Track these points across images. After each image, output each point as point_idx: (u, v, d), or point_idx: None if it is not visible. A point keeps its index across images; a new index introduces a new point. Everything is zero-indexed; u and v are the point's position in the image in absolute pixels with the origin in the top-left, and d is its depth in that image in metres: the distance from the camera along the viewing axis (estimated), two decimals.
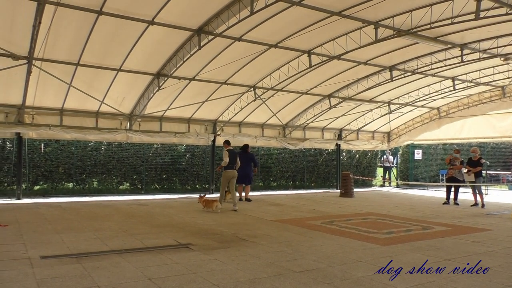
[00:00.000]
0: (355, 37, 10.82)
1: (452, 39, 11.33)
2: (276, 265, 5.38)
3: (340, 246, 6.67)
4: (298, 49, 11.64)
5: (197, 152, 16.87)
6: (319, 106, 16.45)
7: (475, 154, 12.81)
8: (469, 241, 7.26)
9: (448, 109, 18.74)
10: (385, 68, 13.67)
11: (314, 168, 20.17)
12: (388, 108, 17.67)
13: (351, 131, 19.77)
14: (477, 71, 14.38)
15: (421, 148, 21.95)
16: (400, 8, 9.51)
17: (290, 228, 8.35)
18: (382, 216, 10.25)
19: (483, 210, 11.80)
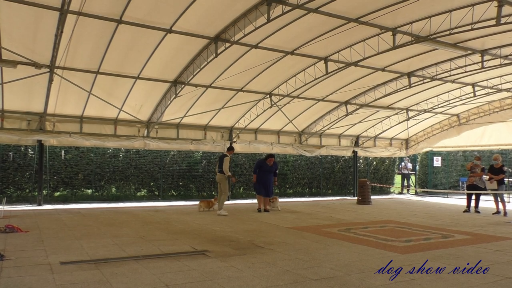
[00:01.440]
0: (373, 43, 10.76)
1: (472, 45, 11.16)
2: (292, 273, 5.34)
3: (358, 254, 6.58)
4: (315, 56, 11.63)
5: (213, 159, 16.94)
6: (335, 113, 16.36)
7: (497, 161, 12.53)
8: (491, 250, 7.08)
9: (468, 116, 18.42)
10: (403, 74, 13.53)
11: (330, 175, 20.03)
12: (406, 115, 17.46)
13: (368, 138, 19.59)
14: (498, 77, 14.11)
15: (440, 155, 21.59)
16: (419, 14, 9.43)
17: (307, 235, 8.29)
18: (401, 224, 10.09)
19: (506, 219, 11.51)
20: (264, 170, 12.04)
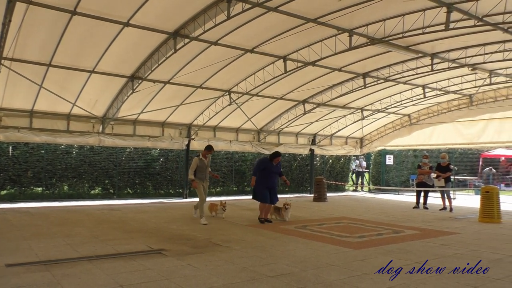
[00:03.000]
0: (330, 44, 11.00)
1: (423, 49, 11.66)
2: (250, 270, 5.38)
3: (313, 250, 6.73)
4: (274, 54, 11.73)
5: (171, 156, 16.71)
6: (293, 111, 16.59)
7: (444, 160, 13.21)
8: (438, 244, 7.45)
9: (418, 116, 19.24)
10: (359, 75, 13.93)
11: (288, 173, 20.27)
12: (361, 114, 18.00)
13: (324, 136, 20.03)
14: (446, 80, 14.84)
15: (392, 153, 22.43)
16: (374, 17, 9.73)
17: (264, 232, 8.37)
18: (354, 221, 10.40)
19: (451, 214, 12.15)
20: (269, 172, 9.77)
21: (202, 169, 9.60)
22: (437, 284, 4.91)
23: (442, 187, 13.00)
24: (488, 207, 10.68)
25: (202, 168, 9.60)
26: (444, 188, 12.98)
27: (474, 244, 7.53)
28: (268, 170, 9.81)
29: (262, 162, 9.99)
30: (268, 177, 9.76)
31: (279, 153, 10.06)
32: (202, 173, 9.60)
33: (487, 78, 13.89)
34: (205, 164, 9.66)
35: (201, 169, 9.56)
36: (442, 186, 12.97)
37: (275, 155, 9.96)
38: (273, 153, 10.11)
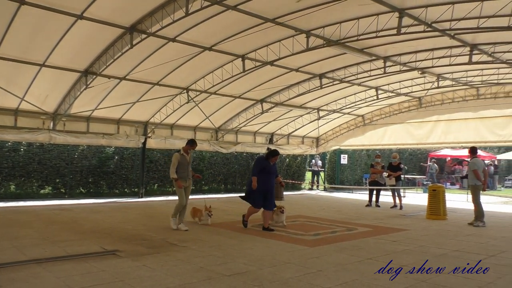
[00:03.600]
0: (288, 44, 11.13)
1: (377, 52, 12.05)
2: (206, 270, 5.36)
3: (270, 248, 6.81)
4: (233, 53, 11.72)
5: (126, 154, 16.28)
6: (251, 110, 16.66)
7: (395, 159, 13.76)
8: (388, 240, 7.76)
9: (372, 117, 19.88)
10: (315, 75, 14.20)
11: (246, 172, 20.34)
12: (317, 114, 18.36)
13: (282, 135, 20.26)
14: (398, 82, 15.43)
15: (347, 153, 23.05)
16: (331, 19, 9.94)
17: (221, 231, 8.36)
18: (310, 219, 10.61)
19: (401, 212, 12.68)
20: (267, 172, 8.66)
21: (184, 167, 8.42)
22: (386, 279, 5.12)
23: (393, 185, 13.53)
24: (434, 204, 11.24)
25: (184, 165, 8.41)
26: (395, 186, 13.53)
27: (422, 240, 7.91)
28: (266, 171, 8.63)
29: (260, 162, 8.81)
30: (265, 179, 8.58)
31: (277, 151, 8.96)
32: (184, 171, 8.40)
33: (435, 82, 14.59)
34: (187, 160, 8.49)
35: (182, 166, 8.38)
36: (393, 184, 13.51)
37: (273, 153, 8.79)
38: (270, 152, 8.92)
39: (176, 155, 8.42)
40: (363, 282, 4.95)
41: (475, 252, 6.78)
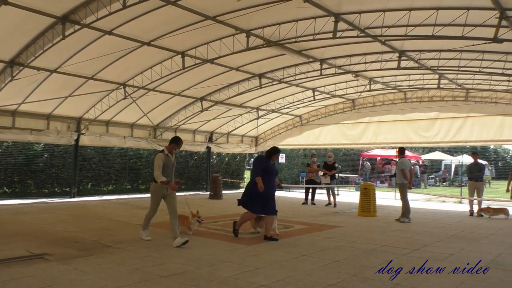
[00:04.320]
0: (228, 43, 11.13)
1: (314, 54, 12.43)
2: (142, 271, 5.23)
3: (208, 247, 6.79)
4: (172, 49, 11.49)
5: (57, 152, 15.42)
6: (191, 108, 16.47)
7: (331, 159, 14.30)
8: (323, 237, 8.05)
9: (308, 117, 20.46)
10: (255, 75, 14.34)
11: (184, 171, 20.10)
12: (257, 114, 18.58)
13: (221, 134, 20.25)
14: (333, 85, 16.02)
15: (284, 152, 23.55)
16: (270, 20, 10.08)
17: (159, 231, 8.19)
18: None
19: (335, 209, 13.20)
20: (268, 173, 7.72)
21: (169, 169, 7.16)
22: (321, 275, 5.32)
23: (328, 184, 14.05)
24: (366, 202, 11.84)
25: (168, 167, 7.16)
26: (329, 185, 14.05)
27: (353, 236, 8.29)
28: (267, 171, 7.70)
29: (261, 160, 7.82)
30: (266, 180, 7.62)
31: (278, 149, 8.07)
32: (168, 175, 7.12)
33: (367, 85, 15.33)
34: (172, 162, 7.29)
35: (167, 168, 7.10)
36: (328, 183, 14.03)
37: (274, 151, 7.90)
38: (271, 149, 7.98)
39: (160, 155, 7.10)
40: (298, 278, 5.10)
41: (401, 247, 7.24)
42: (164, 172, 7.05)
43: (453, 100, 16.08)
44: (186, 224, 7.99)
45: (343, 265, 5.85)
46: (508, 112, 15.03)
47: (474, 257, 6.45)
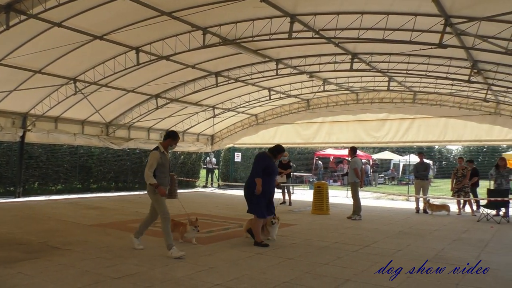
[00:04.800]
0: (185, 40, 10.98)
1: (270, 54, 12.53)
2: (93, 273, 5.06)
3: (163, 248, 6.65)
4: (126, 44, 11.18)
5: (0, 149, 14.55)
6: (145, 105, 16.12)
7: (286, 157, 14.49)
8: (277, 235, 8.14)
9: (264, 117, 20.64)
10: (211, 73, 14.26)
11: (138, 169, 19.59)
12: (213, 112, 18.50)
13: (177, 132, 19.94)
14: (289, 85, 16.25)
15: (240, 151, 23.59)
16: (227, 18, 10.06)
17: (111, 232, 7.96)
18: (204, 216, 10.65)
19: (290, 207, 13.40)
20: (271, 173, 7.25)
21: (164, 169, 6.46)
22: (276, 273, 5.39)
23: (283, 183, 14.23)
24: (319, 200, 12.11)
25: (164, 166, 6.45)
26: (285, 183, 14.24)
27: (307, 234, 8.46)
28: (269, 171, 7.18)
29: (264, 159, 7.23)
30: (268, 181, 7.14)
31: (283, 148, 7.59)
32: (165, 175, 6.46)
33: (321, 86, 15.68)
34: (168, 160, 6.65)
35: (162, 168, 6.39)
36: (283, 182, 14.20)
37: (279, 150, 7.41)
38: (276, 148, 7.43)
39: (155, 154, 6.33)
40: (252, 276, 5.14)
41: (352, 244, 7.47)
42: (159, 172, 6.33)
43: (402, 102, 16.81)
44: (181, 231, 7.16)
45: (297, 262, 5.95)
46: (451, 114, 15.93)
47: (419, 253, 6.78)
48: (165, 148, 6.52)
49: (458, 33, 8.35)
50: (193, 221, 7.05)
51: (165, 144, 6.54)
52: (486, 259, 6.39)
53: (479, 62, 10.68)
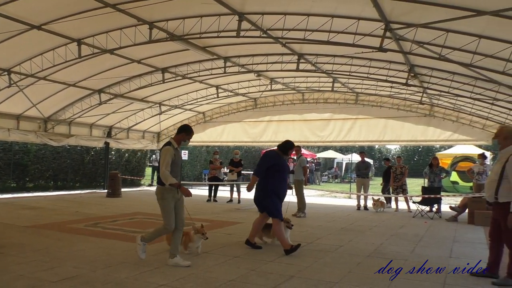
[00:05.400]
0: (130, 34, 10.64)
1: (218, 51, 12.48)
2: (28, 277, 4.79)
3: (104, 248, 6.46)
4: (67, 35, 10.63)
5: None
6: (88, 100, 15.46)
7: (237, 156, 14.54)
8: (224, 234, 8.17)
9: (212, 114, 20.53)
10: (158, 69, 13.95)
11: (80, 167, 18.82)
12: (159, 109, 18.12)
13: (121, 129, 19.35)
14: (237, 83, 16.28)
15: (187, 149, 23.32)
16: (174, 13, 9.88)
17: (48, 233, 7.57)
18: (149, 215, 10.43)
19: (237, 206, 13.45)
20: (281, 171, 6.82)
21: (177, 167, 5.75)
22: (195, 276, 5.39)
23: (235, 180, 14.26)
24: None
25: (177, 165, 5.75)
26: (236, 181, 14.28)
27: None
28: (279, 168, 6.76)
29: (270, 158, 6.86)
30: (280, 179, 6.76)
31: (292, 143, 7.09)
32: (176, 175, 5.65)
33: (268, 85, 15.87)
34: (180, 157, 6.04)
35: (175, 167, 5.66)
36: (234, 180, 14.23)
37: (290, 145, 6.96)
38: (284, 143, 6.98)
39: (169, 149, 5.58)
40: (198, 276, 5.11)
41: (297, 240, 7.61)
42: (172, 170, 5.57)
43: (345, 102, 17.42)
44: (185, 241, 6.26)
45: (243, 260, 6.00)
46: (390, 115, 16.74)
47: (360, 248, 7.07)
48: (178, 143, 5.81)
49: (397, 38, 8.79)
50: (199, 228, 6.28)
51: (178, 139, 5.80)
52: (420, 253, 6.80)
53: (415, 66, 11.30)
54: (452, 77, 11.16)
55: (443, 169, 13.37)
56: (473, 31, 7.94)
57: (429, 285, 5.00)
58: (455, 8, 6.95)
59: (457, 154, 23.96)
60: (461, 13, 6.97)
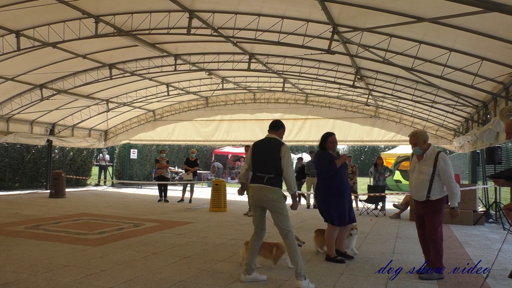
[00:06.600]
0: (74, 27, 10.18)
1: (168, 48, 12.25)
2: None
3: (46, 251, 6.15)
4: (3, 26, 9.95)
5: None
6: (28, 96, 14.62)
7: (193, 155, 14.36)
8: (174, 234, 8.04)
9: (162, 113, 20.15)
10: (105, 65, 13.46)
11: (19, 166, 17.77)
12: (106, 106, 17.51)
13: (65, 126, 18.49)
14: (188, 81, 16.08)
15: (137, 147, 22.74)
16: (122, 8, 9.57)
17: None
18: (95, 216, 10.06)
19: (188, 205, 13.29)
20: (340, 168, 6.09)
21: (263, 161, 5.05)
22: (170, 272, 5.31)
23: (190, 180, 14.06)
24: (217, 198, 12.21)
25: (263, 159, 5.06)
26: (191, 181, 14.09)
27: (204, 231, 8.48)
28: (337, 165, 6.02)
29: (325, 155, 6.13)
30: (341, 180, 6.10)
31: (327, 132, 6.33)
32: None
33: (220, 84, 15.82)
34: None
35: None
36: (190, 179, 14.04)
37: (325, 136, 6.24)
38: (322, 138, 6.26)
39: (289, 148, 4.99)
40: (147, 277, 5.00)
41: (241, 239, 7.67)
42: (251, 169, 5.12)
43: (295, 103, 17.75)
44: (277, 253, 5.50)
45: (194, 260, 5.94)
46: (338, 116, 17.28)
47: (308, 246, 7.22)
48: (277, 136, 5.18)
49: (344, 41, 9.07)
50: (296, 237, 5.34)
51: (281, 135, 5.23)
52: (366, 249, 7.08)
53: (362, 69, 11.72)
54: (396, 80, 11.70)
55: (387, 168, 13.97)
56: (414, 36, 8.36)
57: (374, 280, 5.22)
58: (398, 15, 7.28)
59: (400, 154, 25.13)
60: (403, 19, 7.31)
